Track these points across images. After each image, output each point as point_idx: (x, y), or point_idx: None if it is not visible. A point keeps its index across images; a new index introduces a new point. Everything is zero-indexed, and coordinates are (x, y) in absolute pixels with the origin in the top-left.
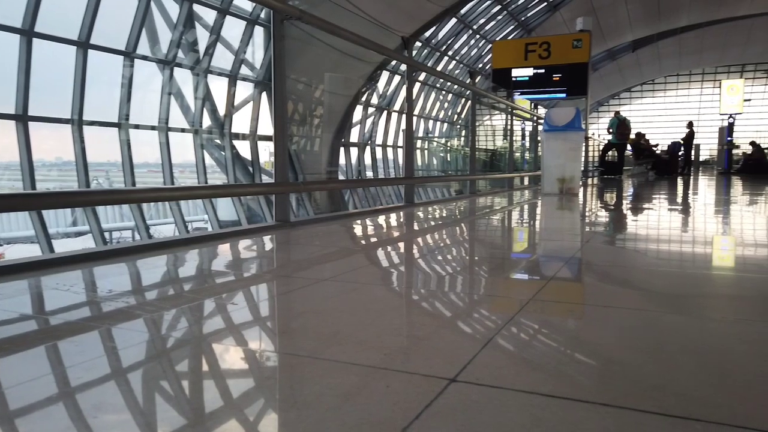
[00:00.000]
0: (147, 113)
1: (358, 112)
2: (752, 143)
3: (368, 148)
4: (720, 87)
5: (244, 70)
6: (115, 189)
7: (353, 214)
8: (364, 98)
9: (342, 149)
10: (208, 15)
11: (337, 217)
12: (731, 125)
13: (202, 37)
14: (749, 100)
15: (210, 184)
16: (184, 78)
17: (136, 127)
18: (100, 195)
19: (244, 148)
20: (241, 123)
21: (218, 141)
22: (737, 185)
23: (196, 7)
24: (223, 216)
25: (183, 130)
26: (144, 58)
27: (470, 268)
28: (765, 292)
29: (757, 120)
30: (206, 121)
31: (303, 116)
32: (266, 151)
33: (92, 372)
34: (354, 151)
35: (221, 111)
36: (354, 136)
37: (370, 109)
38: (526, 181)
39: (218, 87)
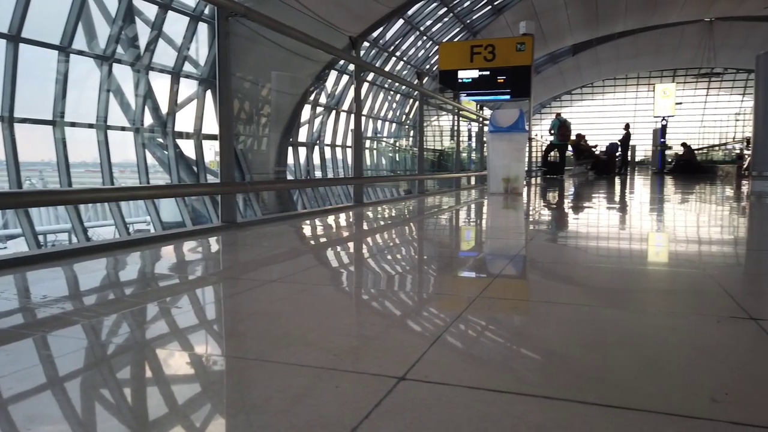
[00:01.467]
0: (84, 111)
1: (306, 112)
2: (683, 144)
3: (317, 148)
4: (654, 90)
5: (188, 67)
6: (50, 189)
7: (302, 215)
8: (312, 97)
9: (290, 149)
10: (149, 10)
11: (285, 217)
12: (664, 127)
13: (143, 32)
14: (680, 103)
15: (152, 185)
16: (123, 74)
17: (73, 125)
18: (34, 196)
19: (188, 148)
20: (184, 121)
21: (161, 140)
22: (670, 184)
23: (136, 2)
24: (167, 217)
25: (123, 129)
26: (80, 53)
27: (419, 267)
28: (695, 287)
29: (688, 122)
30: (148, 119)
31: (250, 115)
32: (212, 151)
33: (25, 382)
34: (302, 150)
35: (164, 109)
36: (302, 135)
37: (319, 109)
38: (472, 181)
39: (160, 84)
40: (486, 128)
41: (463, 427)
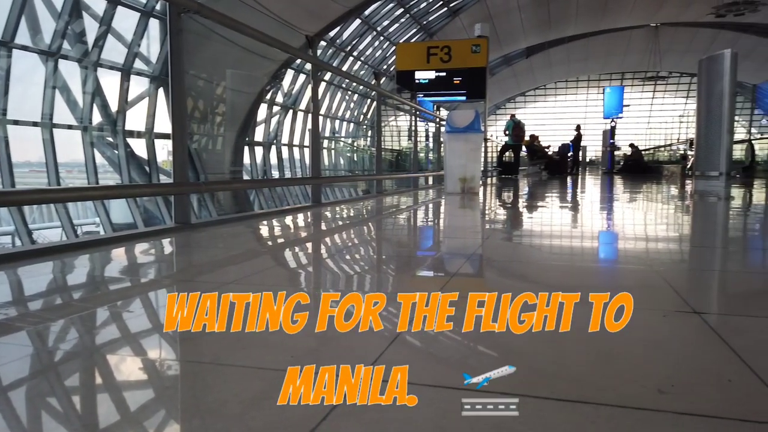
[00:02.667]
0: (28, 108)
1: (262, 111)
2: (631, 145)
3: (274, 148)
4: (603, 93)
5: (139, 64)
6: None
7: (259, 215)
8: (268, 96)
9: (246, 148)
10: (98, 4)
11: (242, 218)
12: (613, 129)
13: (91, 27)
14: (628, 105)
15: (101, 185)
16: (70, 71)
17: (15, 122)
18: None
19: (139, 147)
20: (136, 120)
21: (110, 139)
22: (619, 184)
23: None
24: (117, 219)
25: (70, 127)
26: (24, 48)
27: (378, 267)
28: (643, 283)
29: (636, 124)
30: (96, 118)
31: (204, 114)
32: (164, 150)
33: None
34: (259, 150)
35: (113, 107)
36: (259, 135)
37: (275, 108)
38: (430, 181)
39: (110, 81)
40: (443, 129)
41: (422, 425)
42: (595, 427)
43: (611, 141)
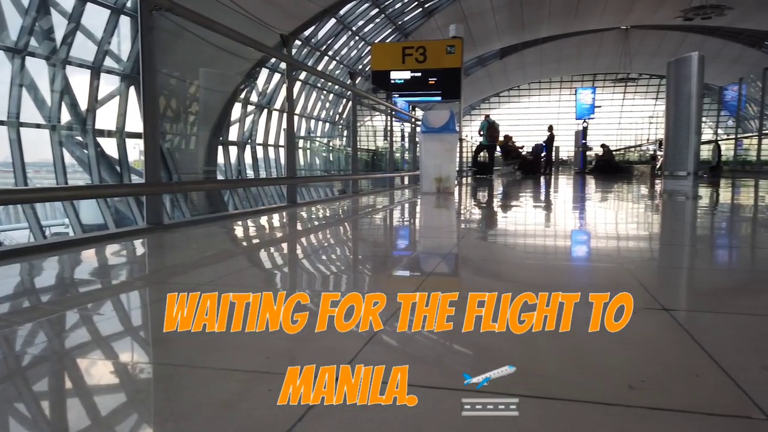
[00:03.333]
0: None
1: (237, 110)
2: (603, 146)
3: (248, 147)
4: (575, 94)
5: (109, 62)
6: None
7: (233, 215)
8: (243, 96)
9: (220, 148)
10: (66, 1)
11: (216, 218)
12: (585, 129)
13: (59, 24)
14: (600, 106)
15: (71, 185)
16: (38, 68)
17: None
18: None
19: (110, 146)
20: (106, 119)
21: (80, 138)
22: (591, 183)
23: None
24: (87, 219)
25: (38, 126)
26: None
27: (354, 267)
28: (614, 280)
29: (607, 124)
30: (65, 116)
31: (177, 113)
32: (136, 150)
33: None
34: (233, 150)
35: (83, 105)
36: (233, 134)
37: (250, 107)
38: (406, 181)
39: (79, 79)
40: (418, 129)
41: (396, 425)
42: (566, 422)
43: (583, 141)
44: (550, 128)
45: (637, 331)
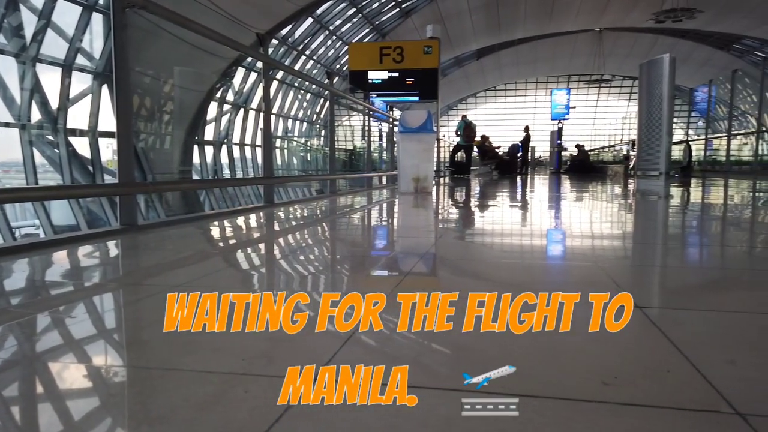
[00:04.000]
0: None
1: (213, 109)
2: (577, 146)
3: (224, 147)
4: (551, 95)
5: (81, 60)
6: None
7: (209, 216)
8: (218, 95)
9: (196, 147)
10: None
11: (191, 219)
12: (560, 129)
13: (29, 21)
14: (574, 107)
15: (41, 185)
16: (7, 66)
17: None
18: None
19: (82, 146)
20: (78, 118)
21: (50, 137)
22: (566, 183)
23: None
24: (59, 221)
25: (7, 125)
26: None
27: (331, 267)
28: (588, 279)
29: (581, 125)
30: (36, 115)
31: (151, 112)
32: (109, 149)
33: None
34: (209, 149)
35: (54, 104)
36: (209, 134)
37: (226, 107)
38: (384, 181)
39: (50, 77)
40: (396, 129)
41: (373, 425)
42: (541, 418)
43: (558, 142)
44: (526, 128)
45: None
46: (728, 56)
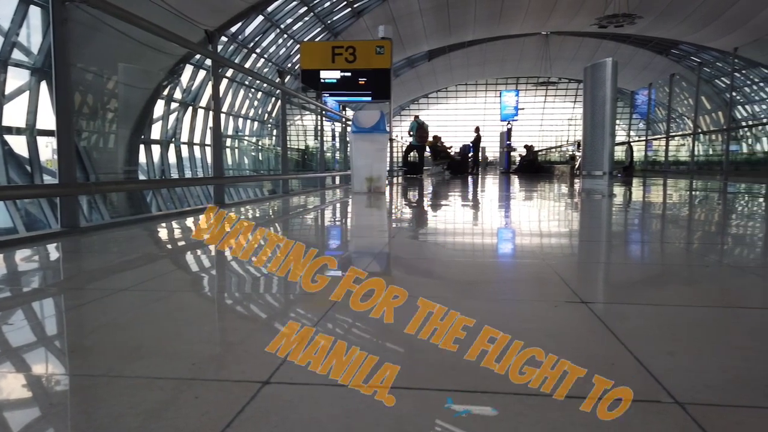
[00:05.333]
0: None
1: (159, 108)
2: (526, 146)
3: (172, 146)
4: (500, 96)
5: (18, 55)
6: None
7: (157, 217)
8: (166, 92)
9: (142, 147)
10: None
11: (137, 220)
12: (509, 131)
13: None
14: (523, 108)
15: None
16: None
17: None
18: None
19: (19, 144)
20: (14, 115)
21: None
22: (515, 183)
23: None
24: None
25: None
26: None
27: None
28: (537, 276)
29: (530, 126)
30: None
31: (94, 110)
32: (48, 148)
33: None
34: (156, 148)
35: None
36: (156, 132)
37: (174, 105)
38: (337, 180)
39: None
40: (349, 128)
41: (327, 426)
42: (492, 414)
43: (508, 142)
44: (477, 129)
45: (559, 323)
46: (667, 60)
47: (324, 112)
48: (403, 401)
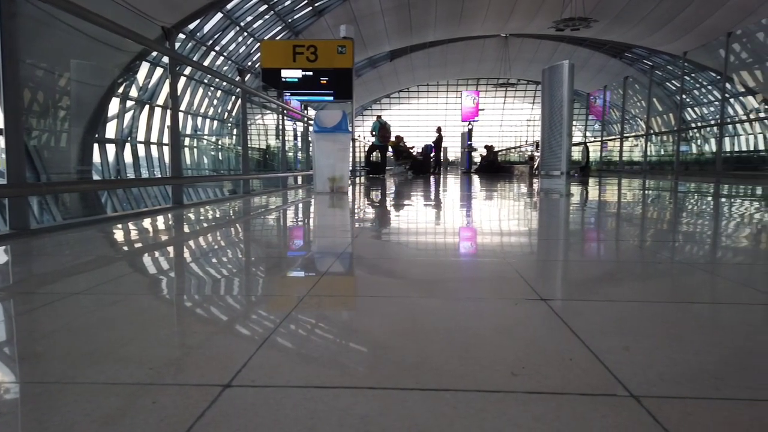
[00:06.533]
0: None
1: (114, 106)
2: (486, 146)
3: (128, 145)
4: (461, 97)
5: None
6: None
7: (112, 218)
8: (121, 90)
9: (96, 146)
10: None
11: (92, 222)
12: (470, 131)
13: None
14: (483, 109)
15: None
16: None
17: None
18: None
19: None
20: None
21: None
22: (476, 182)
23: None
24: None
25: None
26: None
27: (246, 269)
28: (497, 274)
29: (490, 127)
30: None
31: (45, 107)
32: None
33: None
34: (111, 148)
35: None
36: (111, 131)
37: (129, 103)
38: (299, 180)
39: None
40: (311, 128)
41: (290, 427)
42: (455, 411)
43: (469, 143)
44: (439, 129)
45: (518, 320)
46: (621, 63)
47: (285, 112)
48: (367, 401)
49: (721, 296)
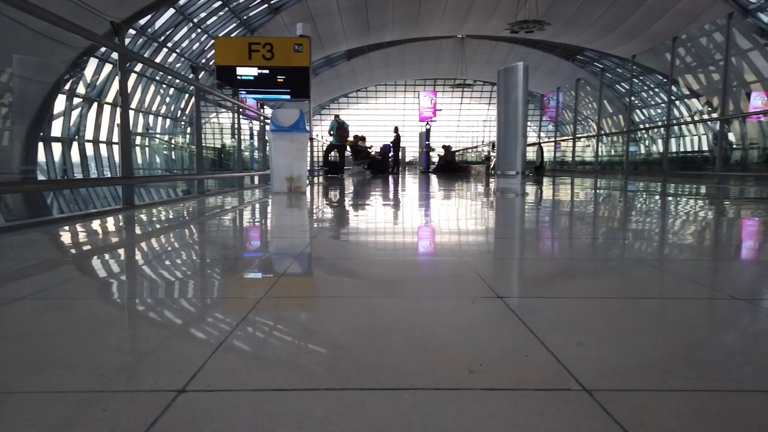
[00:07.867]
0: None
1: (61, 103)
2: (444, 147)
3: (76, 144)
4: (419, 97)
5: None
6: None
7: (59, 220)
8: (68, 87)
9: (41, 144)
10: None
11: (37, 224)
12: (428, 131)
13: None
14: (441, 109)
15: None
16: None
17: None
18: None
19: None
20: None
21: None
22: (434, 182)
23: None
24: None
25: None
26: None
27: (201, 272)
28: (455, 273)
29: (447, 127)
30: None
31: None
32: None
33: None
34: (57, 146)
35: None
36: (57, 129)
37: (77, 100)
38: (256, 180)
39: None
40: (268, 127)
41: (253, 425)
42: (413, 410)
43: (427, 143)
44: (396, 129)
45: (476, 318)
46: (573, 66)
47: (241, 110)
48: (326, 403)
49: (669, 292)
